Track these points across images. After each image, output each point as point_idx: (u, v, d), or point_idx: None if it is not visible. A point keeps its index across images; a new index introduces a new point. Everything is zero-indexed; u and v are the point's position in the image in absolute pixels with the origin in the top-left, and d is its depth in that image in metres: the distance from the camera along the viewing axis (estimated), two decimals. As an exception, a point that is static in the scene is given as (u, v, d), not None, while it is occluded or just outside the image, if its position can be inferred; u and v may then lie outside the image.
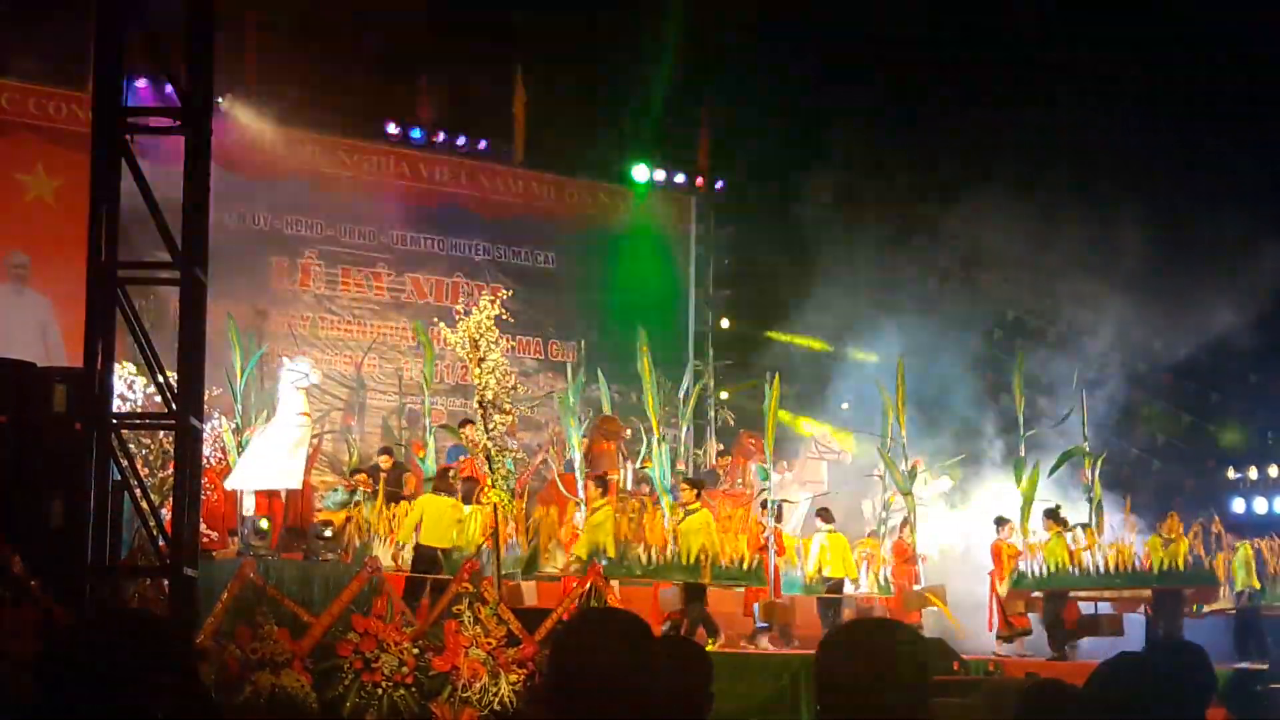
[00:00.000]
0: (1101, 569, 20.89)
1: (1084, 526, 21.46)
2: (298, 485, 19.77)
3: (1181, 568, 20.80)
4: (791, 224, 27.29)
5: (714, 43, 27.04)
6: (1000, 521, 21.71)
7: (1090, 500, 21.83)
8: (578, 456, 21.11)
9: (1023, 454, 22.30)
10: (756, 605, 19.95)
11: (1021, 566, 21.15)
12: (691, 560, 19.07)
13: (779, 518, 20.95)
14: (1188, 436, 22.80)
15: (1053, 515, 21.45)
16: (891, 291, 26.84)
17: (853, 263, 26.23)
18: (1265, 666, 21.06)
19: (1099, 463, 22.05)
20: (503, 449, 18.40)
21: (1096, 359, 26.00)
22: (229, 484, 19.66)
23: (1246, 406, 30.54)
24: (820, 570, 20.89)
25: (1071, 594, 21.16)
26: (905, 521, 21.91)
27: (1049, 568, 20.98)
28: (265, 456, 19.38)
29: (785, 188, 27.82)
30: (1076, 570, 20.87)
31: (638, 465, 22.73)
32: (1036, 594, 21.31)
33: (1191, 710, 4.61)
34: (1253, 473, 28.77)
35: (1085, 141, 26.45)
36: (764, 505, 21.00)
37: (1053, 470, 22.52)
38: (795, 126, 27.32)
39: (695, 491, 20.20)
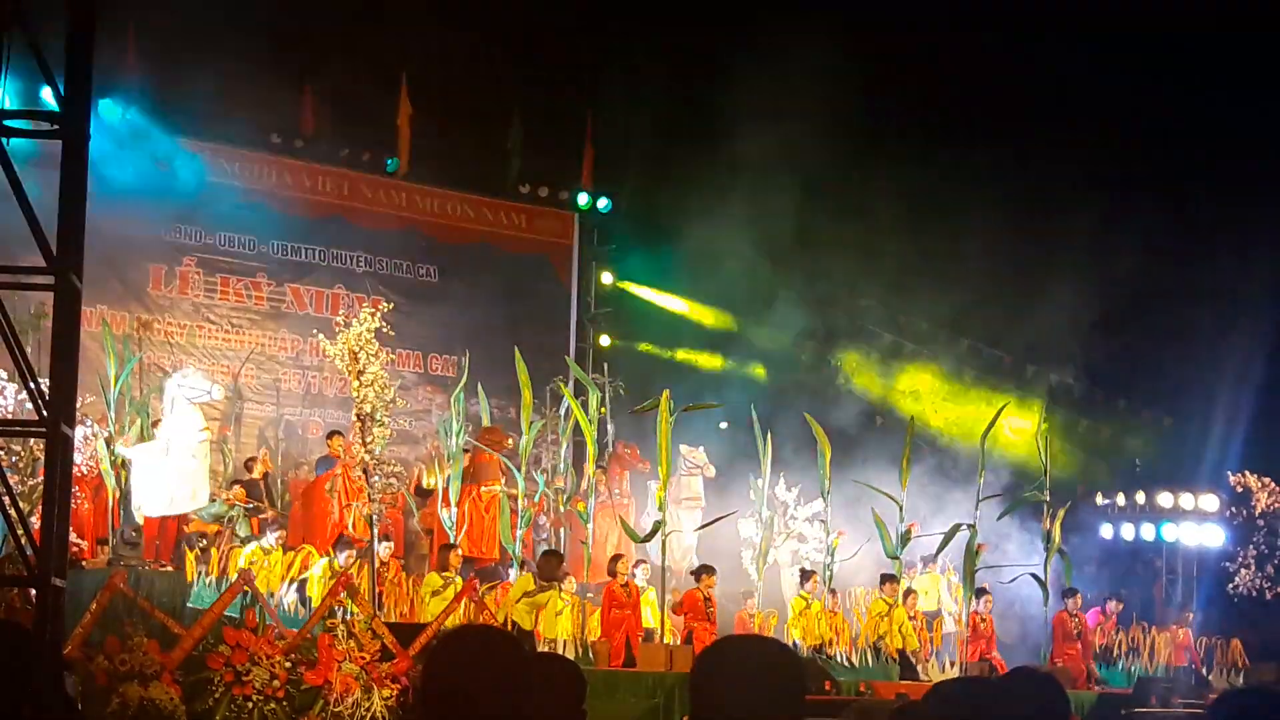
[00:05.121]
0: None
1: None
2: (206, 503, 19.34)
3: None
4: (674, 242, 27.44)
5: (600, 61, 27.09)
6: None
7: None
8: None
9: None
10: None
11: None
12: None
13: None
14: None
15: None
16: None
17: (736, 282, 26.47)
18: (1129, 691, 21.53)
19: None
20: (380, 462, 18.29)
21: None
22: (146, 510, 19.14)
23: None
24: None
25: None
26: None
27: None
28: (178, 481, 18.89)
29: (669, 206, 27.88)
30: None
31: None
32: None
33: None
34: (1120, 499, 29.23)
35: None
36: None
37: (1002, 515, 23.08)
38: (681, 145, 27.40)
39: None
